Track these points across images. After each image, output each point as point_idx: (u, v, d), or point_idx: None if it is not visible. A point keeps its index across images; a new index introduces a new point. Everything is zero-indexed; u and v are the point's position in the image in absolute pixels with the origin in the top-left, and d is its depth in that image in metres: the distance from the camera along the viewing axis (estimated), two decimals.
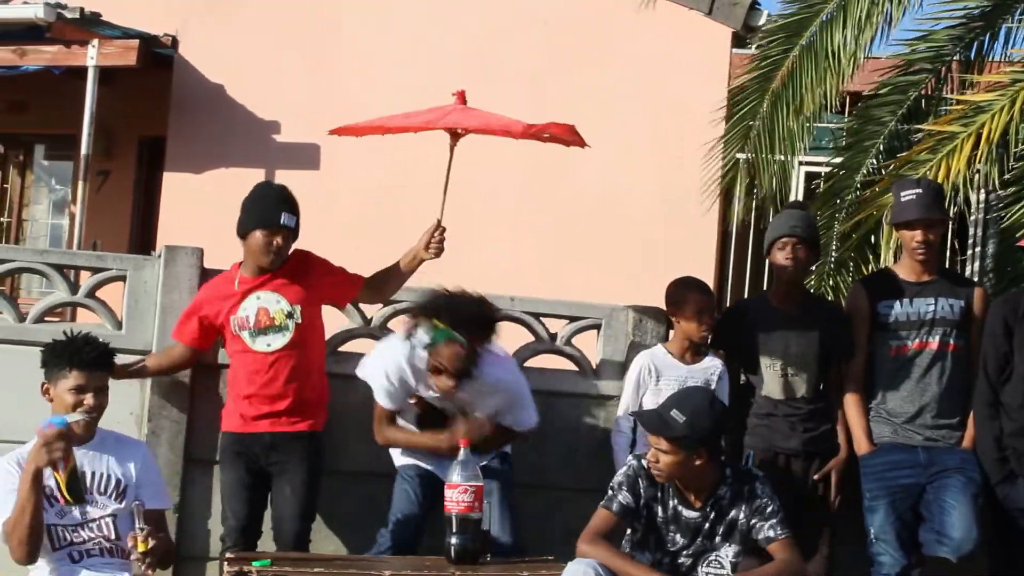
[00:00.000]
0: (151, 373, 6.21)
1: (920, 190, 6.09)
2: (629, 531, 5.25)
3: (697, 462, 5.10)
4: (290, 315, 5.93)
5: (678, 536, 5.21)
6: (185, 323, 6.09)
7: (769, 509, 5.18)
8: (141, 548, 4.74)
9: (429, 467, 5.88)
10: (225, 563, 5.16)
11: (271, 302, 5.93)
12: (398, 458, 6.04)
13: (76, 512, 4.97)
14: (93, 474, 5.03)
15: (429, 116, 6.26)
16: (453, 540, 5.11)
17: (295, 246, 6.04)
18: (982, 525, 5.84)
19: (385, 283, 6.20)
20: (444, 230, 6.12)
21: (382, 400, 5.85)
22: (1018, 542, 5.88)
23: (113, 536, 5.02)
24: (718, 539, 5.20)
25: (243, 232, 5.98)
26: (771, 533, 5.16)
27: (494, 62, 11.66)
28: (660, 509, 5.21)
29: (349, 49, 12.18)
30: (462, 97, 6.31)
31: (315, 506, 6.04)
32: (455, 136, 6.24)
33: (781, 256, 6.15)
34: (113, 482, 5.05)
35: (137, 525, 4.78)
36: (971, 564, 5.93)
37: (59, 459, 4.69)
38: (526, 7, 11.94)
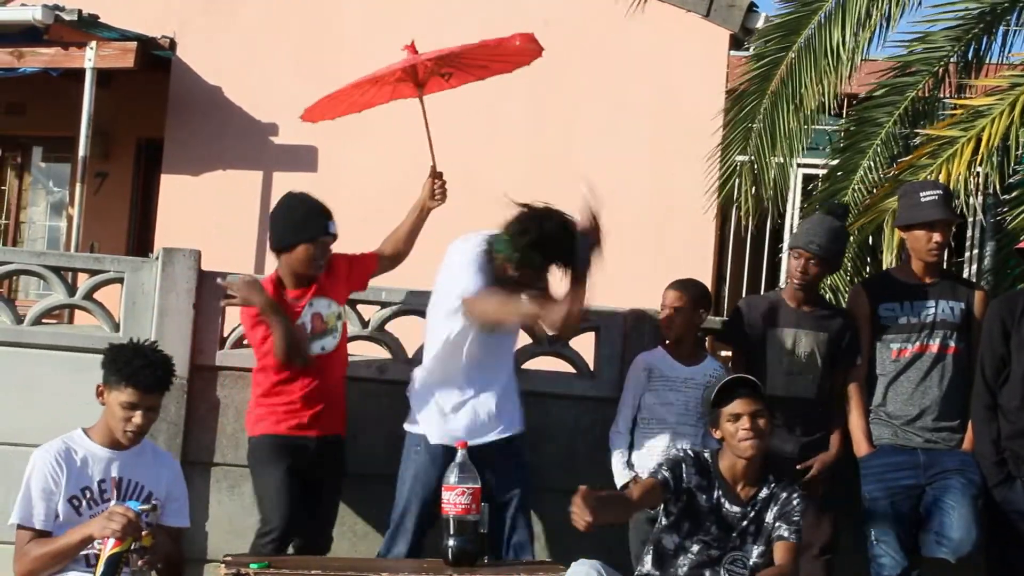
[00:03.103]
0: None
1: (940, 191, 6.11)
2: (664, 517, 5.28)
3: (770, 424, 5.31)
4: (339, 316, 6.03)
5: (714, 528, 5.25)
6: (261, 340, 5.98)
7: (794, 517, 5.24)
8: (145, 542, 4.71)
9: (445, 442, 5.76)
10: (223, 566, 5.14)
11: (323, 307, 5.98)
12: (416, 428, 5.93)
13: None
14: (128, 482, 5.02)
15: (387, 72, 6.31)
16: (451, 542, 5.10)
17: None
18: (981, 527, 5.84)
19: (399, 243, 6.33)
20: (442, 174, 6.27)
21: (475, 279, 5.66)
22: (1015, 544, 5.88)
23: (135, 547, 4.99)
24: (749, 539, 5.25)
25: (287, 246, 5.93)
26: (783, 533, 5.21)
27: None
28: (704, 497, 5.25)
29: (347, 50, 12.17)
30: (412, 48, 6.36)
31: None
32: (417, 84, 6.32)
33: (794, 265, 6.16)
34: (144, 493, 5.03)
35: (144, 520, 4.77)
36: (970, 565, 5.93)
37: (114, 538, 4.65)
38: (525, 9, 11.93)
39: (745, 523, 5.25)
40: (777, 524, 5.23)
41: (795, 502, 5.26)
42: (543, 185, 10.83)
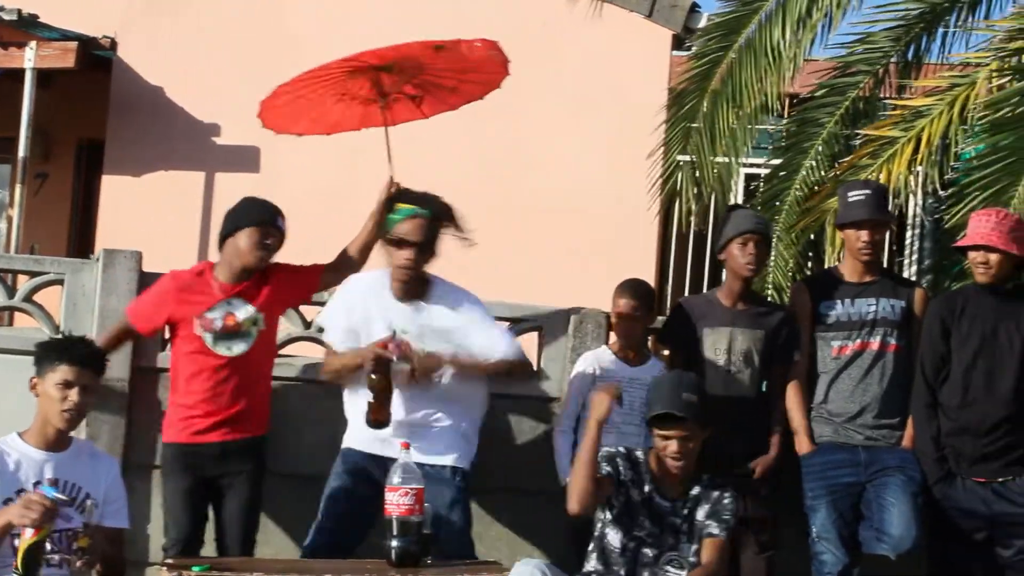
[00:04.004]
0: None
1: (868, 191, 6.16)
2: (607, 510, 5.31)
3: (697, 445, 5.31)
4: (255, 322, 5.88)
5: (647, 522, 5.28)
6: (152, 314, 5.95)
7: (724, 516, 5.29)
8: (82, 543, 4.68)
9: (371, 450, 5.79)
10: (164, 568, 5.12)
11: (240, 308, 5.86)
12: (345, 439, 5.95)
13: None
14: (65, 483, 4.98)
15: (342, 63, 6.26)
16: (394, 543, 5.08)
17: None
18: (921, 523, 5.89)
19: (352, 255, 6.08)
20: (399, 185, 6.11)
21: (334, 337, 5.88)
22: (955, 540, 5.93)
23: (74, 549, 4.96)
24: (683, 537, 5.28)
25: (231, 231, 5.88)
26: (712, 530, 5.26)
27: None
28: (636, 492, 5.29)
29: (292, 50, 12.05)
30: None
31: (258, 520, 6.03)
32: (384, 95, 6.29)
33: (742, 253, 6.15)
34: (82, 495, 4.99)
35: (83, 520, 4.73)
36: (910, 562, 5.98)
37: (31, 527, 4.60)
38: (473, 10, 11.93)
39: (678, 520, 5.28)
40: (707, 522, 5.27)
41: (726, 501, 5.31)
42: (485, 186, 10.91)
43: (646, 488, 5.30)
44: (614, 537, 5.30)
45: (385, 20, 11.95)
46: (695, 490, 5.32)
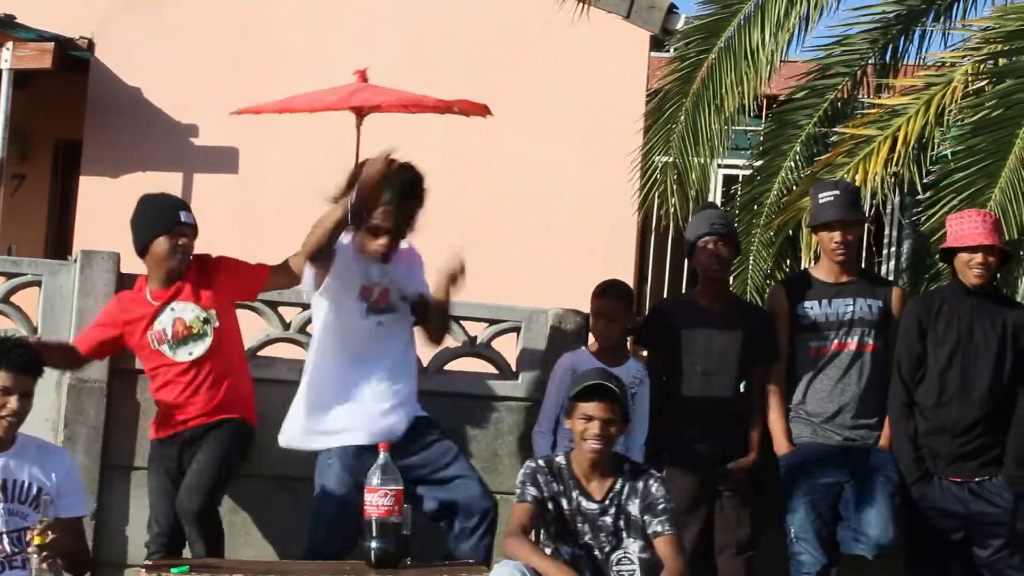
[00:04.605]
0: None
1: (837, 191, 6.17)
2: (543, 528, 5.28)
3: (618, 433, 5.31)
4: (207, 320, 5.86)
5: (586, 527, 5.26)
6: (93, 338, 5.97)
7: (660, 506, 5.25)
8: (37, 541, 4.62)
9: (357, 442, 5.72)
10: (143, 570, 5.10)
11: (186, 311, 5.86)
12: (317, 440, 5.87)
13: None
14: (14, 482, 4.96)
15: (334, 96, 6.23)
16: (373, 544, 5.07)
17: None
18: (899, 523, 5.91)
19: (298, 266, 5.85)
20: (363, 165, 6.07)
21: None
22: (932, 540, 5.95)
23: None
24: (623, 534, 5.26)
25: (144, 244, 5.88)
26: (659, 528, 5.22)
27: (416, 65, 11.62)
28: (565, 502, 5.28)
29: (270, 50, 12.11)
30: (363, 76, 6.31)
31: (223, 484, 5.91)
32: (360, 115, 6.22)
33: (705, 255, 6.19)
34: (34, 491, 4.97)
35: (38, 517, 4.71)
36: (888, 562, 6.00)
37: None
38: (452, 9, 11.93)
39: (610, 519, 5.26)
40: (647, 519, 5.23)
41: (654, 489, 5.27)
42: (462, 184, 10.90)
43: (573, 495, 5.28)
44: (566, 551, 5.27)
45: (365, 19, 11.96)
46: (618, 484, 5.29)
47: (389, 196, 5.58)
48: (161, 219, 5.87)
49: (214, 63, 12.12)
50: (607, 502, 5.27)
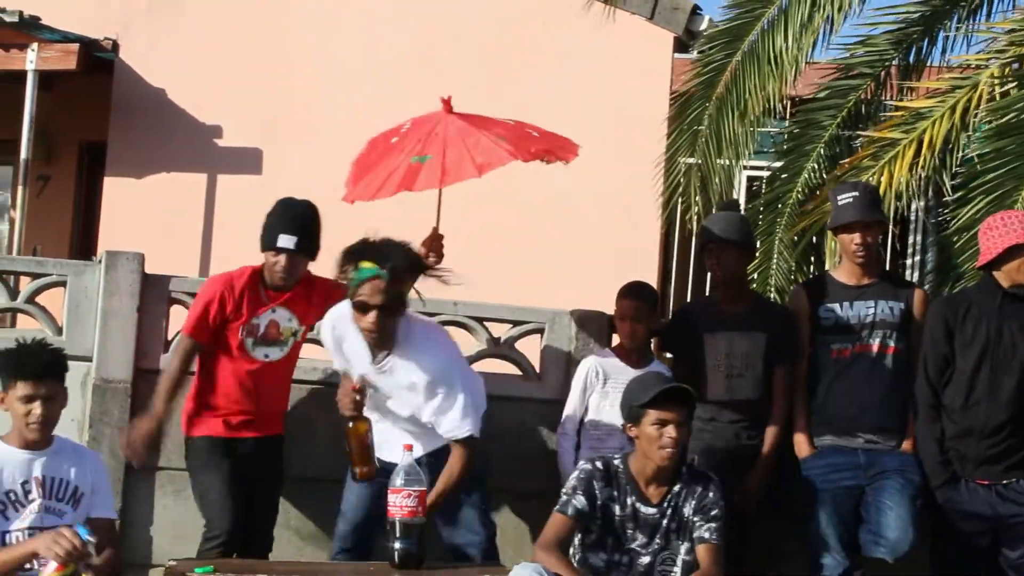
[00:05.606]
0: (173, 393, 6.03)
1: (856, 193, 6.14)
2: (580, 534, 5.22)
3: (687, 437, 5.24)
4: (295, 333, 6.02)
5: (638, 533, 5.21)
6: (202, 322, 5.94)
7: (713, 512, 5.20)
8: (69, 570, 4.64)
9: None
10: (167, 570, 5.12)
11: (284, 318, 5.99)
12: None
13: (35, 518, 4.93)
14: (52, 480, 4.99)
15: (421, 134, 6.19)
16: (396, 545, 5.08)
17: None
18: (919, 527, 5.88)
19: None
20: (442, 238, 6.22)
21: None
22: (959, 543, 5.92)
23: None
24: (673, 537, 5.21)
25: (263, 246, 5.96)
26: (705, 534, 5.17)
27: (437, 66, 11.64)
28: (618, 508, 5.21)
29: (292, 51, 12.13)
30: (448, 105, 6.30)
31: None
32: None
33: (710, 262, 6.25)
34: (71, 489, 5.02)
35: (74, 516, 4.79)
36: (910, 565, 5.97)
37: (55, 561, 4.60)
38: (472, 10, 11.94)
39: (665, 522, 5.21)
40: (697, 521, 5.19)
41: (711, 494, 5.22)
42: (485, 188, 10.89)
43: (628, 500, 5.21)
44: (597, 559, 5.22)
45: (384, 21, 11.98)
46: (677, 487, 5.24)
47: (384, 271, 5.39)
48: (266, 236, 5.92)
49: (238, 64, 12.15)
50: (664, 505, 5.22)
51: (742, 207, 11.06)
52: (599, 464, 5.25)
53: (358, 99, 11.42)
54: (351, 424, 5.43)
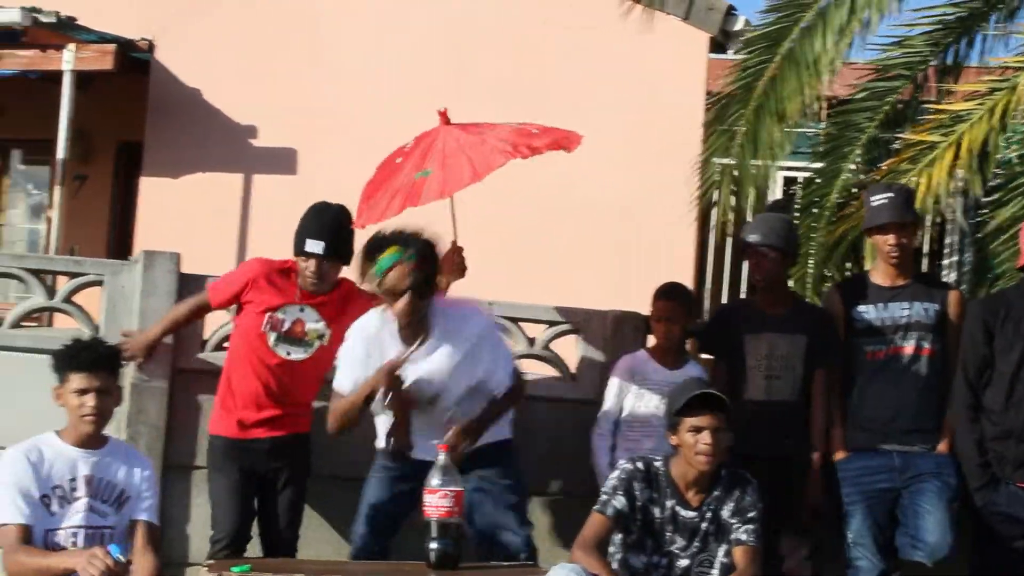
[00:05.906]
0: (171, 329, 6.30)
1: (891, 194, 6.12)
2: (621, 535, 5.23)
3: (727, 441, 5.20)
4: (320, 336, 5.99)
5: (677, 536, 5.21)
6: (227, 288, 6.05)
7: (751, 514, 5.20)
8: None
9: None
10: (205, 569, 5.14)
11: (311, 319, 5.98)
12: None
13: (79, 517, 4.96)
14: (100, 480, 5.02)
15: (422, 150, 6.20)
16: (433, 545, 5.09)
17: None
18: (957, 530, 5.86)
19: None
20: (462, 250, 6.27)
21: (342, 382, 5.61)
22: (998, 546, 5.88)
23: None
24: (712, 540, 5.21)
25: (295, 250, 5.97)
26: (742, 536, 5.18)
27: (471, 66, 11.66)
28: (657, 510, 5.21)
29: (326, 53, 12.16)
30: (445, 117, 6.31)
31: (303, 513, 6.16)
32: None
33: (750, 266, 6.25)
34: (117, 492, 5.04)
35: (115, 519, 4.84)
36: (948, 568, 5.95)
37: None
38: (503, 11, 11.94)
39: (704, 525, 5.21)
40: (734, 523, 5.19)
41: (749, 497, 5.22)
42: (520, 189, 10.91)
43: (668, 503, 5.21)
44: (637, 560, 5.23)
45: (419, 22, 11.99)
46: (716, 490, 5.24)
47: (410, 253, 5.37)
48: (297, 241, 5.93)
49: (272, 65, 12.19)
50: (704, 508, 5.22)
51: (782, 205, 11.04)
52: (640, 465, 5.25)
53: (393, 98, 11.44)
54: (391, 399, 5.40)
